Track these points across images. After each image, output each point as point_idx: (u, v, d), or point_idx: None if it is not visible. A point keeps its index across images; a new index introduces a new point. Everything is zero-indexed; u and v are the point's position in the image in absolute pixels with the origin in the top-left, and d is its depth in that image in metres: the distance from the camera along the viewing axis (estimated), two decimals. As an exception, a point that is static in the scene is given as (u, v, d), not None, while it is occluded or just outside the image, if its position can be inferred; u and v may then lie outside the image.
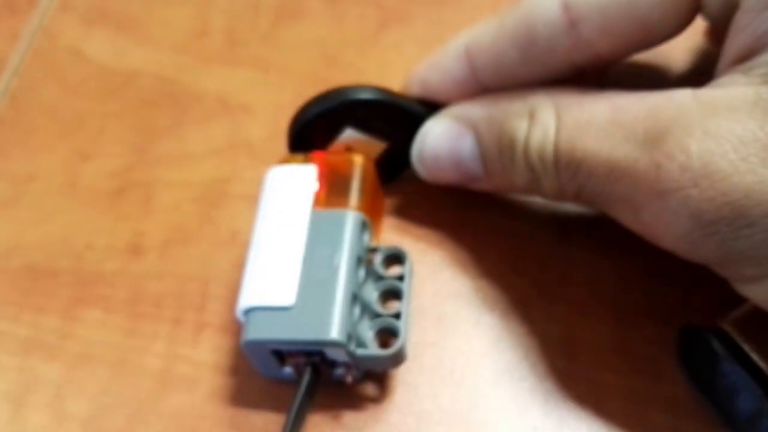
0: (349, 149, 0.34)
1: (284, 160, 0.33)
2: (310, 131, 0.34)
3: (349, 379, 0.30)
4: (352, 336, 0.29)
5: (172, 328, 0.34)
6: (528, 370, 0.31)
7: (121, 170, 0.38)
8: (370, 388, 0.32)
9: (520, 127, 0.29)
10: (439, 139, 0.32)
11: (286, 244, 0.30)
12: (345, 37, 0.42)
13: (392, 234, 0.35)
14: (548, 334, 0.32)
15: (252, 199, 0.33)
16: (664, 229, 0.26)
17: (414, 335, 0.32)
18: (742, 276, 0.26)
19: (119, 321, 0.34)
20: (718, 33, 0.29)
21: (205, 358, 0.33)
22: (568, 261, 0.34)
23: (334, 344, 0.28)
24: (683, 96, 0.26)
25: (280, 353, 0.30)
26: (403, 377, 0.32)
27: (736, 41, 0.26)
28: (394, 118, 0.33)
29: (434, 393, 0.31)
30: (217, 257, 0.35)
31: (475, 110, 0.31)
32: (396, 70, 0.39)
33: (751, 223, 0.24)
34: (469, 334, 0.32)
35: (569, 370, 0.31)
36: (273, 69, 0.41)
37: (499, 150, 0.30)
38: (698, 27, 0.31)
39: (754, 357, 0.28)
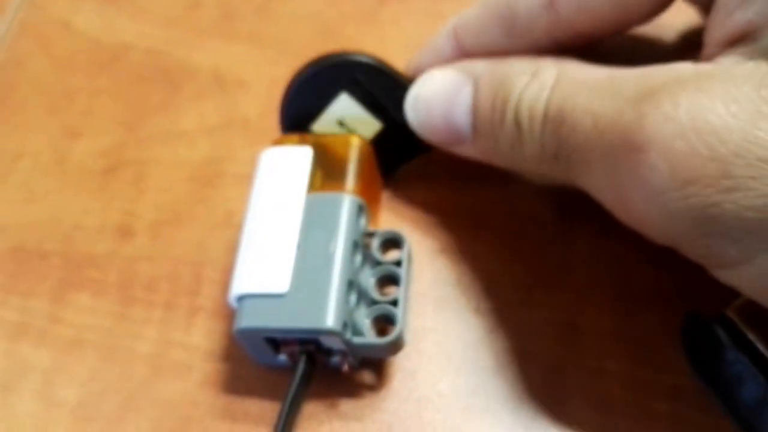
0: (341, 124, 0.33)
1: (278, 141, 0.32)
2: (305, 96, 0.33)
3: (345, 367, 0.29)
4: (348, 324, 0.28)
5: (165, 313, 0.33)
6: (528, 357, 0.31)
7: (111, 148, 0.38)
8: (367, 375, 0.31)
9: (519, 82, 0.29)
10: (437, 85, 0.31)
11: (280, 228, 0.30)
12: (343, 11, 0.41)
13: (390, 218, 0.34)
14: (548, 321, 0.32)
15: (247, 179, 0.33)
16: (639, 191, 0.25)
17: (413, 321, 0.32)
18: (720, 259, 0.25)
19: (110, 305, 0.34)
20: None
21: (199, 343, 0.32)
22: (568, 247, 0.33)
23: (329, 332, 0.28)
24: (682, 65, 0.25)
25: (275, 341, 0.29)
26: (401, 363, 0.31)
27: (726, 25, 0.25)
28: (392, 91, 0.33)
29: (433, 379, 0.31)
30: (211, 239, 0.35)
31: (481, 65, 0.31)
32: (395, 46, 0.39)
33: (735, 187, 0.23)
34: (469, 320, 0.32)
35: (569, 357, 0.31)
36: (268, 43, 0.40)
37: (492, 104, 0.29)
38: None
39: (759, 346, 0.27)
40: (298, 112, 0.33)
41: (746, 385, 0.28)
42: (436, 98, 0.31)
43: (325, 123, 0.33)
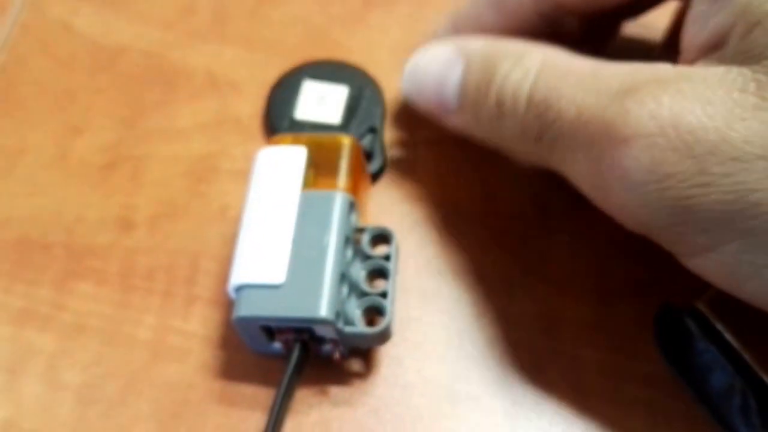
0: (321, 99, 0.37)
1: (274, 141, 0.34)
2: (278, 99, 0.39)
3: (336, 355, 0.31)
4: (340, 314, 0.30)
5: (164, 301, 0.35)
6: (509, 346, 0.33)
7: (111, 145, 0.39)
8: (356, 363, 0.33)
9: (504, 65, 0.30)
10: (433, 59, 0.33)
11: (277, 224, 0.31)
12: (331, 16, 0.42)
13: (378, 213, 0.36)
14: (529, 311, 0.33)
15: (240, 175, 0.34)
16: (620, 181, 0.26)
17: (399, 310, 0.33)
18: (690, 247, 0.26)
19: (111, 294, 0.35)
20: None
21: (196, 330, 0.34)
22: (549, 240, 0.35)
23: (323, 322, 0.29)
24: (663, 66, 0.27)
25: (270, 329, 0.31)
26: (389, 351, 0.33)
27: (700, 36, 0.27)
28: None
29: (418, 366, 0.32)
30: (207, 232, 0.36)
31: (474, 44, 0.32)
32: (381, 49, 0.41)
33: (709, 182, 0.24)
34: (452, 310, 0.34)
35: (549, 346, 0.33)
36: (259, 47, 0.42)
37: (477, 83, 0.31)
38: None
39: (727, 336, 0.29)
40: (279, 113, 0.37)
41: (715, 374, 0.29)
42: (431, 72, 0.33)
43: (305, 108, 0.37)
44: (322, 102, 0.38)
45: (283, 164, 0.32)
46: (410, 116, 0.37)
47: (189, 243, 0.36)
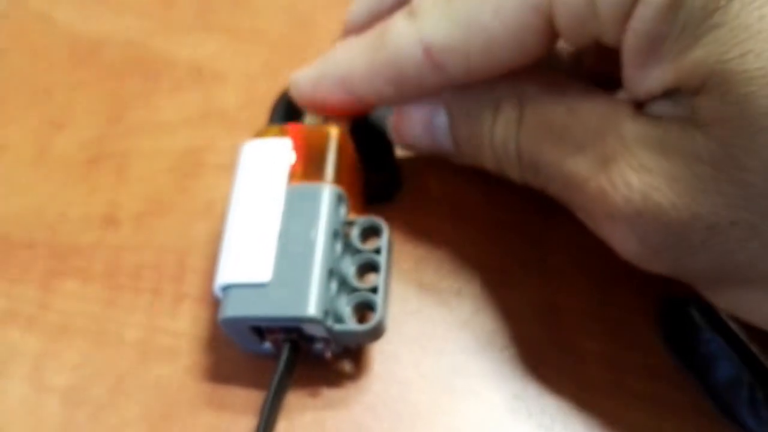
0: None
1: (259, 134, 0.33)
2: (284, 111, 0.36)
3: (327, 354, 0.30)
4: (330, 311, 0.29)
5: (151, 300, 0.34)
6: (509, 339, 0.32)
7: (93, 140, 0.38)
8: (350, 360, 0.32)
9: (485, 118, 0.30)
10: (415, 113, 0.32)
11: (262, 219, 0.30)
12: (316, 3, 0.42)
13: (373, 206, 0.35)
14: (529, 303, 0.33)
15: (227, 169, 0.33)
16: (619, 245, 0.27)
17: (395, 304, 0.33)
18: (697, 286, 0.28)
19: (97, 292, 0.34)
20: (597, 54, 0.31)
21: (185, 329, 0.33)
22: (549, 230, 0.34)
23: (311, 320, 0.28)
24: (626, 120, 0.26)
25: (259, 329, 0.30)
26: (383, 347, 0.32)
27: (655, 72, 0.26)
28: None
29: (416, 361, 0.32)
30: (194, 228, 0.35)
31: (447, 91, 0.31)
32: None
33: (696, 251, 0.25)
34: (451, 303, 0.33)
35: (549, 338, 0.32)
36: (244, 35, 0.41)
37: (468, 137, 0.31)
38: None
39: (733, 326, 0.29)
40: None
41: (720, 365, 0.29)
42: (417, 125, 0.32)
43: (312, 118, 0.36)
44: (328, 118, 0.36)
45: (268, 157, 0.32)
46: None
47: (176, 240, 0.35)
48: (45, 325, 0.34)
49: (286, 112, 0.36)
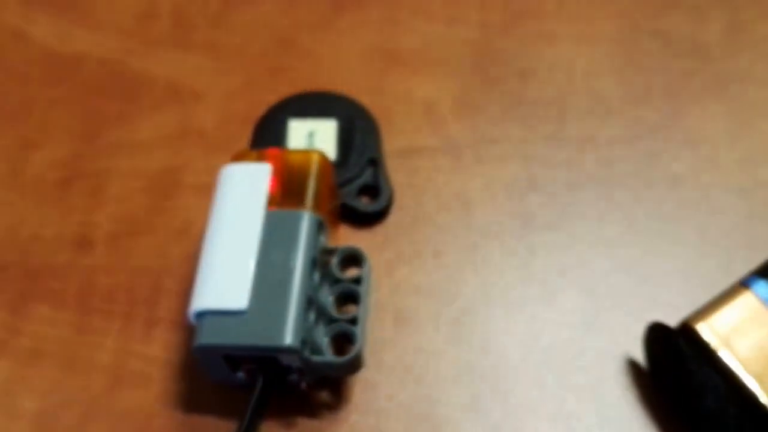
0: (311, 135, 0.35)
1: (237, 157, 0.32)
2: (265, 134, 0.36)
3: (303, 385, 0.30)
4: (307, 342, 0.28)
5: (124, 324, 0.33)
6: (488, 368, 0.32)
7: (68, 159, 0.37)
8: (326, 389, 0.31)
9: None
10: None
11: (240, 245, 0.30)
12: (298, 20, 0.41)
13: (350, 230, 0.35)
14: (509, 330, 0.32)
15: (204, 189, 0.33)
16: None
17: (372, 331, 0.32)
18: None
19: (69, 316, 0.34)
20: None
21: (158, 354, 0.32)
22: (531, 253, 0.34)
23: (288, 350, 0.28)
24: None
25: (233, 358, 0.29)
26: (361, 375, 0.31)
27: None
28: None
29: (393, 391, 0.31)
30: (169, 250, 0.35)
31: None
32: (351, 54, 0.39)
33: None
34: (428, 331, 0.32)
35: (528, 368, 0.32)
36: (224, 53, 0.40)
37: None
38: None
39: (721, 356, 0.28)
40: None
41: (708, 395, 0.28)
42: None
43: (297, 143, 0.36)
44: (312, 141, 0.36)
45: (246, 182, 0.31)
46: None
47: (150, 262, 0.35)
48: (16, 350, 0.33)
49: (268, 133, 0.36)
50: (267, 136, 0.37)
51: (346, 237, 0.34)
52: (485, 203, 0.35)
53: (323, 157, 0.32)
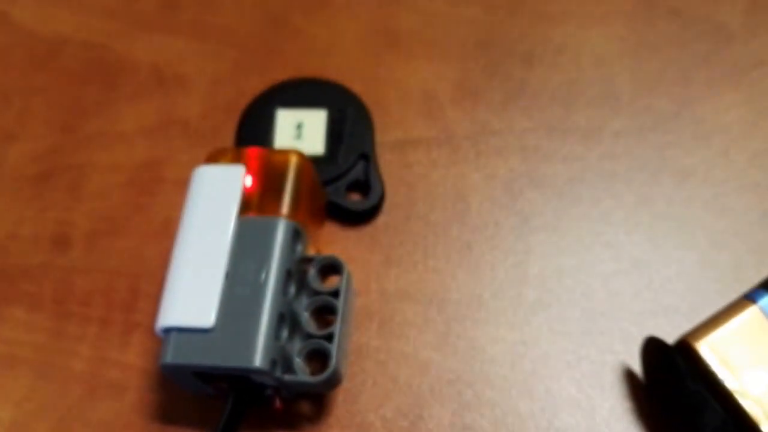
0: (299, 126, 0.34)
1: (213, 157, 0.31)
2: (252, 125, 0.35)
3: (277, 403, 0.28)
4: (278, 361, 0.27)
5: (100, 329, 0.32)
6: (477, 378, 0.30)
7: (47, 152, 0.36)
8: (306, 402, 0.30)
9: None
10: None
11: (209, 256, 0.28)
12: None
13: (337, 229, 0.33)
14: (500, 338, 0.31)
15: (185, 185, 0.31)
16: None
17: (357, 338, 0.31)
18: None
19: (45, 320, 0.33)
20: None
21: (134, 362, 0.32)
22: (525, 257, 0.33)
23: (257, 372, 0.26)
24: None
25: (204, 374, 0.28)
26: (343, 385, 0.30)
27: None
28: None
29: (377, 402, 0.30)
30: (148, 250, 0.34)
31: None
32: (347, 34, 0.38)
33: None
34: (416, 337, 0.31)
35: (520, 378, 0.30)
36: (211, 35, 0.38)
37: None
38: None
39: (718, 374, 0.27)
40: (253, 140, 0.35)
41: (705, 413, 0.27)
42: None
43: (282, 144, 0.34)
44: (300, 133, 0.34)
45: (218, 186, 0.30)
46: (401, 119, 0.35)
47: (129, 263, 0.33)
48: (-10, 355, 0.32)
49: (255, 124, 0.34)
50: (253, 127, 0.35)
51: (332, 237, 0.33)
52: (482, 200, 0.34)
53: (302, 158, 0.31)
